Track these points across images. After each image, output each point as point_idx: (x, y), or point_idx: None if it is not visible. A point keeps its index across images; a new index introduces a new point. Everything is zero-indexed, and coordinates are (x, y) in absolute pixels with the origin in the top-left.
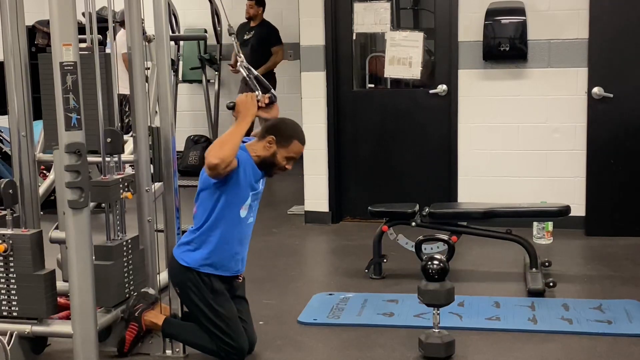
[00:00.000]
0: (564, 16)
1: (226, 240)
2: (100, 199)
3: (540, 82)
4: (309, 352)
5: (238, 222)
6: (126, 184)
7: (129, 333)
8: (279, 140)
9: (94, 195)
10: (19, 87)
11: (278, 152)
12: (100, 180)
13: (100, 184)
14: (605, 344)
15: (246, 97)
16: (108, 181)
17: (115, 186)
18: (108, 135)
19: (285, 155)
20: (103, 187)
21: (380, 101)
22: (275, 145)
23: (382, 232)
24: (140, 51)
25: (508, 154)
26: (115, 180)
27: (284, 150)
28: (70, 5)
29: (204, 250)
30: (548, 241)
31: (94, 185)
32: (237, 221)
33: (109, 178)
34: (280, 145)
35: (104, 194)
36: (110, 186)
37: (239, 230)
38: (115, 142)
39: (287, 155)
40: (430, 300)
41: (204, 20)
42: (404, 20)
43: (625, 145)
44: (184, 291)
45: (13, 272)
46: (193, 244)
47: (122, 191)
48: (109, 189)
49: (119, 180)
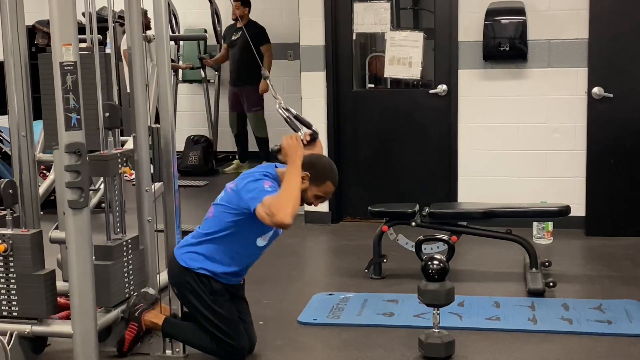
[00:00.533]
0: (564, 16)
1: (232, 260)
2: (99, 173)
3: (540, 82)
4: (309, 352)
5: (252, 250)
6: (125, 159)
7: (129, 332)
8: (313, 179)
9: (92, 170)
10: (19, 87)
11: (309, 189)
12: (98, 155)
13: (99, 158)
14: (605, 344)
15: (291, 140)
16: (107, 155)
17: (114, 160)
18: (106, 110)
19: (315, 193)
20: (102, 161)
21: (380, 101)
22: (309, 182)
23: (382, 232)
24: (140, 51)
25: (508, 154)
26: (113, 155)
27: (315, 189)
28: (70, 5)
29: (207, 262)
30: (548, 241)
31: (93, 160)
32: (252, 249)
33: (107, 153)
34: (313, 183)
35: (102, 168)
36: (109, 160)
37: (249, 256)
38: (113, 116)
39: (318, 193)
40: (430, 300)
41: (204, 20)
42: (404, 20)
43: (625, 145)
44: (182, 292)
45: (13, 272)
46: (197, 249)
47: (121, 166)
48: (108, 163)
49: (118, 155)
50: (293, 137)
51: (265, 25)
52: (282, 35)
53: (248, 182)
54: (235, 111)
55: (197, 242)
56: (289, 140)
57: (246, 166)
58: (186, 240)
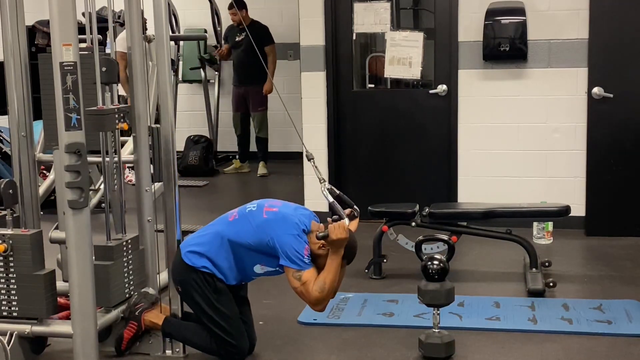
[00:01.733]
0: (564, 16)
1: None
2: (96, 128)
3: (540, 82)
4: (309, 352)
5: (248, 270)
6: (122, 115)
7: (127, 331)
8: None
9: (89, 125)
10: (19, 87)
11: (324, 257)
12: (95, 109)
13: (96, 113)
14: (605, 344)
15: (340, 231)
16: (104, 110)
17: (111, 116)
18: (103, 64)
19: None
20: (99, 116)
21: (380, 101)
22: (327, 252)
23: (382, 232)
24: (140, 51)
25: (508, 154)
26: (111, 110)
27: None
28: (70, 5)
29: (210, 263)
30: (548, 241)
31: (89, 114)
32: (248, 269)
33: (104, 107)
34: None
35: (99, 122)
36: (106, 115)
37: (244, 275)
38: (110, 70)
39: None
40: (430, 300)
41: (204, 20)
42: (404, 20)
43: (625, 145)
44: (186, 290)
45: (13, 272)
46: (203, 249)
47: (118, 122)
48: (104, 118)
49: (115, 110)
50: (342, 227)
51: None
52: (282, 35)
53: (288, 236)
54: (240, 111)
55: (205, 243)
56: (337, 233)
57: (246, 166)
58: (192, 238)
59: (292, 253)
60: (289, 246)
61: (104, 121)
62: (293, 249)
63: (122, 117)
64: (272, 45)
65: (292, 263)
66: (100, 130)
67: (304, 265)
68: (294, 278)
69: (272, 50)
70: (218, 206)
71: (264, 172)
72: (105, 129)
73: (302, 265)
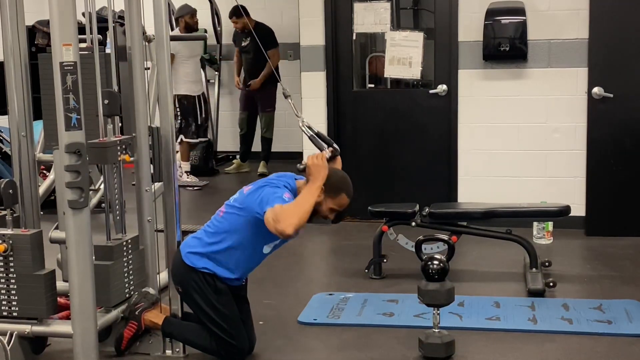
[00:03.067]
0: (564, 16)
1: (237, 266)
2: (98, 160)
3: (540, 82)
4: (309, 352)
5: (257, 256)
6: (124, 147)
7: (128, 331)
8: (328, 191)
9: (92, 158)
10: (19, 87)
11: (324, 202)
12: (97, 142)
13: (98, 146)
14: (605, 344)
15: (317, 160)
16: (106, 143)
17: (113, 148)
18: (105, 97)
19: (330, 206)
20: (101, 148)
21: (380, 101)
22: (324, 195)
23: (382, 232)
24: (140, 51)
25: (508, 154)
26: (113, 142)
27: (330, 201)
28: (70, 5)
29: (212, 263)
30: (548, 241)
31: (92, 147)
32: (257, 254)
33: (106, 140)
34: (328, 196)
35: (102, 155)
36: (108, 147)
37: (253, 261)
38: (112, 103)
39: (332, 206)
40: (430, 300)
41: (204, 20)
42: (404, 20)
43: (625, 145)
44: (186, 290)
45: (13, 272)
46: (203, 249)
47: (120, 153)
48: (107, 151)
49: (117, 142)
50: (319, 156)
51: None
52: (282, 35)
53: (268, 187)
54: (247, 111)
55: (203, 243)
56: (314, 160)
57: (247, 166)
58: (192, 239)
59: (270, 197)
60: (267, 193)
61: (106, 154)
62: (272, 193)
63: (124, 148)
64: (275, 49)
65: (268, 204)
66: (103, 163)
67: (281, 202)
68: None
69: (274, 55)
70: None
71: (264, 170)
72: (107, 162)
73: (279, 202)
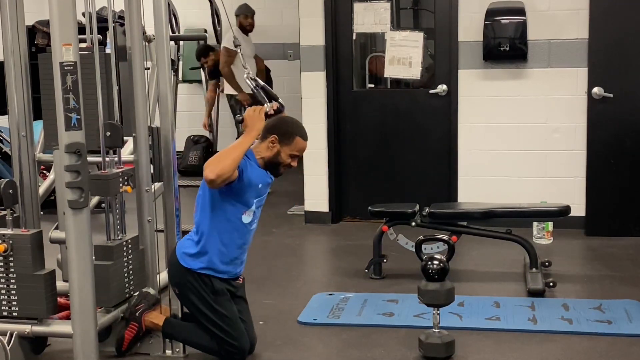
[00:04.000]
0: (564, 16)
1: (225, 245)
2: (100, 193)
3: (540, 82)
4: (309, 352)
5: (240, 228)
6: (126, 178)
7: (129, 332)
8: (281, 139)
9: (94, 190)
10: (19, 87)
11: (282, 151)
12: (99, 174)
13: (100, 178)
14: (605, 344)
15: (254, 112)
16: (108, 175)
17: (115, 180)
18: (107, 129)
19: (289, 152)
20: (103, 181)
21: (380, 101)
22: (279, 145)
23: (382, 232)
24: (140, 51)
25: (508, 154)
26: (114, 174)
27: (287, 148)
28: (70, 5)
29: (204, 256)
30: (548, 241)
31: (94, 179)
32: (239, 227)
33: (108, 172)
34: (283, 144)
35: (103, 188)
36: (110, 180)
37: (239, 236)
38: (114, 135)
39: (291, 152)
40: (430, 300)
41: (204, 20)
42: (404, 20)
43: (625, 145)
44: (183, 292)
45: (13, 272)
46: (193, 248)
47: (122, 185)
48: (108, 183)
49: (119, 174)
50: (257, 109)
51: (265, 25)
52: (282, 35)
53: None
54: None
55: (192, 243)
56: (250, 112)
57: None
58: (185, 240)
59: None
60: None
61: (107, 186)
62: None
63: (126, 180)
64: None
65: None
66: (105, 195)
67: None
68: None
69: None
70: None
71: None
72: (109, 194)
73: None
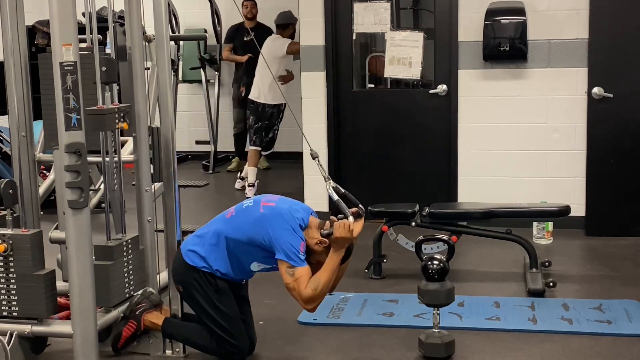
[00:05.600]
0: (564, 16)
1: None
2: (95, 127)
3: (540, 82)
4: (309, 352)
5: (246, 269)
6: (122, 114)
7: (126, 330)
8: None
9: (89, 125)
10: (19, 87)
11: (319, 254)
12: (95, 109)
13: (96, 112)
14: (605, 344)
15: (344, 228)
16: (103, 109)
17: (110, 115)
18: (103, 64)
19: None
20: (98, 115)
21: (380, 101)
22: (324, 250)
23: (382, 232)
24: (140, 51)
25: (508, 154)
26: (110, 110)
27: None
28: (70, 5)
29: (211, 264)
30: (548, 241)
31: (89, 114)
32: (246, 268)
33: (104, 107)
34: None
35: (99, 122)
36: (105, 115)
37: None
38: (110, 70)
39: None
40: (430, 300)
41: (204, 20)
42: (404, 20)
43: (625, 145)
44: (187, 290)
45: (13, 272)
46: (201, 250)
47: (118, 121)
48: (104, 118)
49: (115, 109)
50: (347, 226)
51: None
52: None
53: (285, 230)
54: (243, 109)
55: (203, 243)
56: (342, 232)
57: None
58: (194, 237)
59: (287, 247)
60: (284, 240)
61: (103, 121)
62: (289, 243)
63: (122, 116)
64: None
65: (287, 257)
66: (100, 129)
67: (298, 261)
68: (287, 274)
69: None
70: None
71: (267, 165)
72: (105, 129)
73: (297, 261)
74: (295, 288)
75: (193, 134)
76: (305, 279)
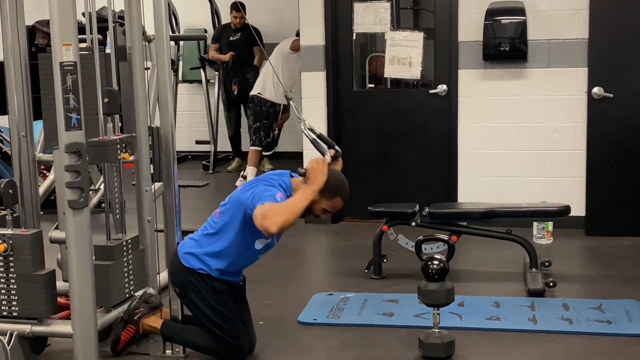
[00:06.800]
0: (564, 16)
1: (234, 264)
2: (98, 159)
3: (540, 82)
4: (309, 352)
5: (250, 252)
6: (124, 145)
7: (125, 334)
8: (324, 193)
9: (92, 157)
10: (19, 87)
11: (319, 202)
12: (98, 141)
13: (99, 144)
14: (605, 344)
15: (318, 165)
16: (106, 141)
17: (113, 146)
18: (105, 95)
19: (324, 207)
20: (101, 147)
21: (380, 101)
22: (319, 196)
23: (382, 232)
24: (140, 51)
25: (508, 154)
26: (113, 141)
27: (325, 202)
28: (70, 5)
29: (208, 264)
30: (548, 241)
31: (92, 146)
32: (249, 251)
33: (106, 138)
34: (323, 197)
35: (102, 154)
36: (108, 146)
37: (247, 258)
38: (112, 101)
39: (326, 207)
40: (430, 300)
41: (204, 20)
42: (404, 20)
43: (625, 145)
44: (184, 292)
45: (13, 272)
46: (198, 250)
47: (120, 152)
48: (107, 149)
49: (117, 140)
50: (321, 161)
51: (265, 25)
52: (282, 35)
53: (263, 185)
54: (234, 110)
55: (200, 244)
56: (315, 165)
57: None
58: (188, 240)
59: (263, 194)
60: (260, 191)
61: (106, 152)
62: (265, 190)
63: (124, 147)
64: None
65: (260, 201)
66: (103, 161)
67: (273, 200)
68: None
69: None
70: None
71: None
72: (107, 160)
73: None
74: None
75: (193, 134)
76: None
